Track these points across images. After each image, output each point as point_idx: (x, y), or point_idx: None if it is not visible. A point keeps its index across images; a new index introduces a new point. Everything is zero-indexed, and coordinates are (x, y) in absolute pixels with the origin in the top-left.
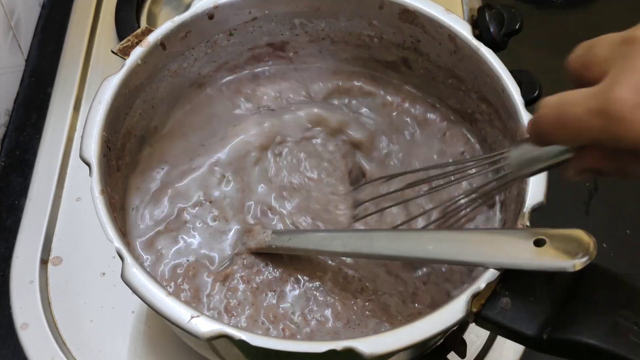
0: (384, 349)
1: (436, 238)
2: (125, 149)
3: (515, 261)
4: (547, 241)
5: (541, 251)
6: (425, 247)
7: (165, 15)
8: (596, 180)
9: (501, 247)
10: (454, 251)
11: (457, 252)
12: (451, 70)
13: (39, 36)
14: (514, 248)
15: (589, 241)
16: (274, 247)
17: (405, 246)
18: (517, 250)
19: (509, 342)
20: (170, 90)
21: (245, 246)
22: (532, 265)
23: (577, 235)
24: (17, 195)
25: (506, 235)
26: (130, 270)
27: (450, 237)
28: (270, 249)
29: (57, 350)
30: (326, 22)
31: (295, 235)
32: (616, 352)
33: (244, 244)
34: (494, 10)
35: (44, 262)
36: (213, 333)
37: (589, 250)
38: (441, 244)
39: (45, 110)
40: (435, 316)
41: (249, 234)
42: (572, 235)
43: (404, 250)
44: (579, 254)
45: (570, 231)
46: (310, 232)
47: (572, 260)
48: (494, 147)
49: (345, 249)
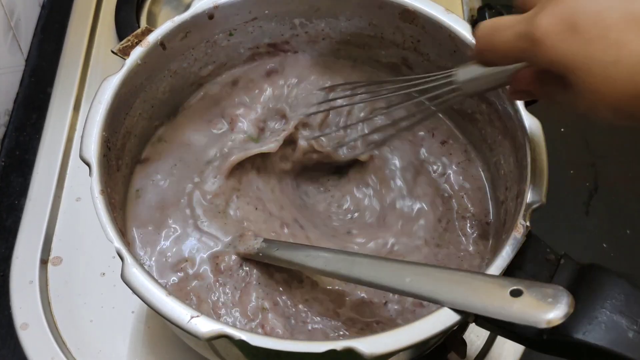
0: (384, 349)
1: (415, 272)
2: (125, 149)
3: (487, 308)
4: (524, 292)
5: (516, 302)
6: (402, 279)
7: (165, 15)
8: (596, 180)
9: (476, 292)
10: (429, 288)
11: (432, 289)
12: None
13: (39, 36)
14: (489, 295)
15: (567, 298)
16: (261, 255)
17: (382, 275)
18: (492, 298)
19: (508, 342)
20: (171, 90)
21: (235, 250)
22: (502, 315)
23: (555, 290)
24: (17, 195)
25: (484, 281)
26: (130, 271)
27: (429, 272)
28: (257, 256)
29: (57, 350)
30: (326, 22)
31: (283, 247)
32: (616, 352)
33: (234, 247)
34: (494, 10)
35: (43, 262)
36: (213, 333)
37: (567, 309)
38: (419, 278)
39: (45, 110)
40: (435, 316)
41: (240, 238)
42: (550, 290)
43: (380, 278)
44: (555, 311)
45: (549, 286)
46: (298, 247)
47: (545, 316)
48: (494, 148)
49: (326, 268)
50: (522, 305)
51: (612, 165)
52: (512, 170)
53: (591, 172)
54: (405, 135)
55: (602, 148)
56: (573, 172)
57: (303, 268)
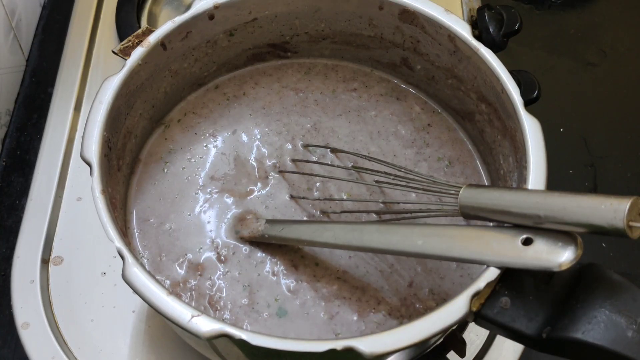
0: (384, 348)
1: (425, 233)
2: (126, 149)
3: (501, 259)
4: (535, 240)
5: (528, 250)
6: (414, 241)
7: (166, 16)
8: (595, 180)
9: (489, 244)
10: (443, 247)
11: (445, 248)
12: (451, 70)
13: (40, 36)
14: (501, 246)
15: (575, 242)
16: (267, 236)
17: (394, 240)
18: (504, 248)
19: (508, 341)
20: (171, 91)
21: (239, 235)
22: (517, 264)
23: (564, 235)
24: (18, 195)
25: (495, 232)
26: (131, 270)
27: (439, 232)
28: (263, 238)
29: (58, 350)
30: (326, 22)
31: (288, 225)
32: (615, 351)
33: (237, 233)
34: (493, 11)
35: (45, 261)
36: (214, 332)
37: (576, 251)
38: (430, 239)
39: (46, 110)
40: (434, 315)
41: (242, 223)
42: (559, 235)
43: (393, 243)
44: (565, 254)
45: (557, 233)
46: (303, 223)
47: (557, 259)
48: (494, 148)
49: (336, 241)
50: (535, 252)
51: (611, 165)
52: (511, 170)
53: (590, 172)
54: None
55: (601, 148)
56: (572, 172)
57: (312, 244)
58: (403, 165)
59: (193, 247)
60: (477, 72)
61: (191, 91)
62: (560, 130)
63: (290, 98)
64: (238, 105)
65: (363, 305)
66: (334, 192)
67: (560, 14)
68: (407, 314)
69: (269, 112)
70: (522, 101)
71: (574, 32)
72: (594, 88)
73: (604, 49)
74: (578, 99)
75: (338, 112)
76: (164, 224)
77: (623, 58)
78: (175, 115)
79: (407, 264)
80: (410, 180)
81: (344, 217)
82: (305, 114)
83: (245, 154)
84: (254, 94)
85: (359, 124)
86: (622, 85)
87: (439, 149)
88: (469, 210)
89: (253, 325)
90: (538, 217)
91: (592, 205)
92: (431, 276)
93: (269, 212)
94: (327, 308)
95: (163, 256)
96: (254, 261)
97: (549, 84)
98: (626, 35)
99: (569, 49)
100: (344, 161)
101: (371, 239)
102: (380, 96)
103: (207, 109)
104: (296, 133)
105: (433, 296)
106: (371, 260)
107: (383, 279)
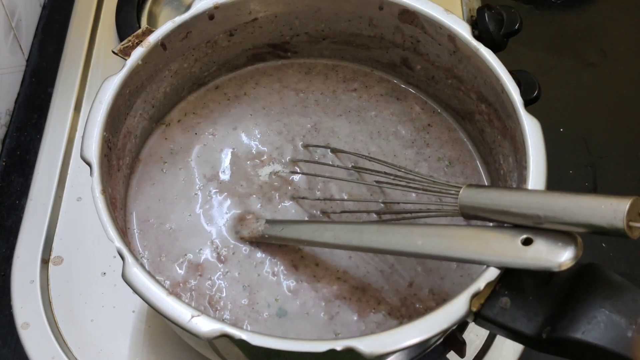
0: (384, 348)
1: (425, 233)
2: (126, 149)
3: (501, 259)
4: (535, 240)
5: (528, 250)
6: (414, 241)
7: (166, 16)
8: (595, 180)
9: (488, 244)
10: (442, 247)
11: (445, 248)
12: (451, 70)
13: (40, 36)
14: (501, 246)
15: (575, 242)
16: (267, 236)
17: (394, 240)
18: (504, 248)
19: (508, 341)
20: (171, 91)
21: (238, 235)
22: (517, 264)
23: (564, 236)
24: (18, 195)
25: (495, 232)
26: (131, 270)
27: (439, 232)
28: (263, 238)
29: (58, 350)
30: (326, 22)
31: (288, 225)
32: (615, 351)
33: (237, 233)
34: (493, 11)
35: (44, 261)
36: (214, 332)
37: (576, 251)
38: (430, 239)
39: (46, 110)
40: (434, 316)
41: (242, 223)
42: (559, 235)
43: (393, 244)
44: (565, 254)
45: (557, 232)
46: (303, 223)
47: (557, 260)
48: (494, 148)
49: (336, 241)
50: (535, 252)
51: (611, 165)
52: (511, 170)
53: (590, 172)
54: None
55: (601, 148)
56: (572, 172)
57: (312, 244)
58: (403, 165)
59: (193, 247)
60: (477, 72)
61: (191, 91)
62: (560, 130)
63: (291, 98)
64: (238, 105)
65: (363, 306)
66: (334, 192)
67: (560, 14)
68: (407, 314)
69: (270, 112)
70: (522, 101)
71: (574, 32)
72: (594, 88)
73: (604, 49)
74: (578, 99)
75: (338, 112)
76: (164, 224)
77: (623, 58)
78: (175, 115)
79: (408, 264)
80: (410, 180)
81: (344, 217)
82: (306, 114)
83: (246, 154)
84: (255, 93)
85: (359, 124)
86: (622, 85)
87: (439, 149)
88: (469, 210)
89: (253, 325)
90: (538, 217)
91: (592, 205)
92: (431, 276)
93: (269, 212)
94: (327, 308)
95: (163, 256)
96: (254, 261)
97: (549, 84)
98: (626, 35)
99: (569, 49)
100: (345, 161)
101: (371, 239)
102: (380, 96)
103: (208, 109)
104: (296, 133)
105: (433, 296)
106: (371, 261)
107: (383, 279)
